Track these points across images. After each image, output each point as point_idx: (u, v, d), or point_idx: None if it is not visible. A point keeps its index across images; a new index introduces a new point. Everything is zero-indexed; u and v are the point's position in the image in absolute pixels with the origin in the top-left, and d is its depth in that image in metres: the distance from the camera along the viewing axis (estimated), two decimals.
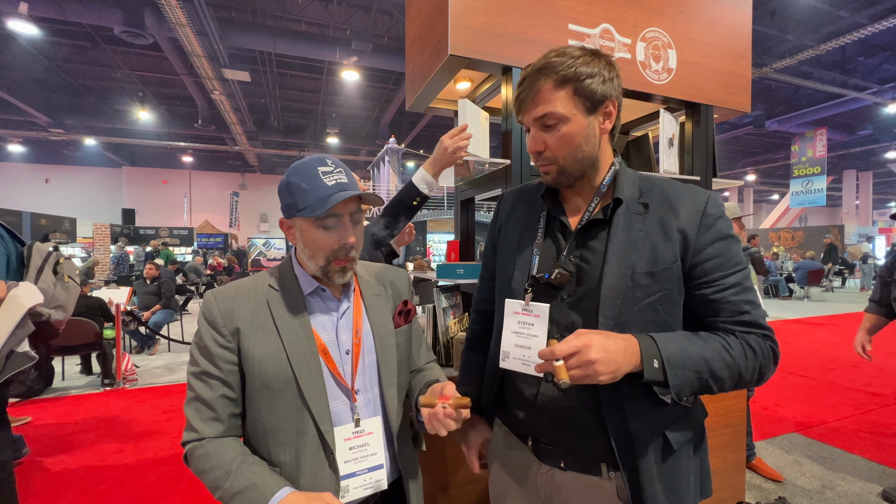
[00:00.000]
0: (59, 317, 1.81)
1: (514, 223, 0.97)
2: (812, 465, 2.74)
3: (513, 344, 0.86)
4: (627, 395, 0.78)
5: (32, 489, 2.46)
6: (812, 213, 25.09)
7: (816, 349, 5.82)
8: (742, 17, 2.04)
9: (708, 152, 2.02)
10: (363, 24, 9.49)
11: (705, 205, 0.81)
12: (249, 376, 0.82)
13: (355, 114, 14.93)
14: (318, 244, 0.84)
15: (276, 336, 0.83)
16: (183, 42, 8.29)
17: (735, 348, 0.76)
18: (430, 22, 1.71)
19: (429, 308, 1.72)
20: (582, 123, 0.81)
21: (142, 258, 12.48)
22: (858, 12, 8.57)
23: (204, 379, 0.81)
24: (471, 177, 1.98)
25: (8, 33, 8.71)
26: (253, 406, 0.82)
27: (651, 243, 0.79)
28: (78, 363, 4.90)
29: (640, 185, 0.86)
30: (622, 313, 0.78)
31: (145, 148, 16.62)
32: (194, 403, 0.80)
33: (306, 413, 0.81)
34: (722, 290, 0.78)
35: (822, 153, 13.87)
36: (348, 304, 0.92)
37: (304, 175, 0.82)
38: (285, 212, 0.86)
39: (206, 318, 0.83)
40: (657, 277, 0.78)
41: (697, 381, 0.73)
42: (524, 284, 0.87)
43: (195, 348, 0.83)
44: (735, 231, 0.85)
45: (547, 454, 0.88)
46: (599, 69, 0.80)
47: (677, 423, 0.82)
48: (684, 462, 0.83)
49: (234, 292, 0.86)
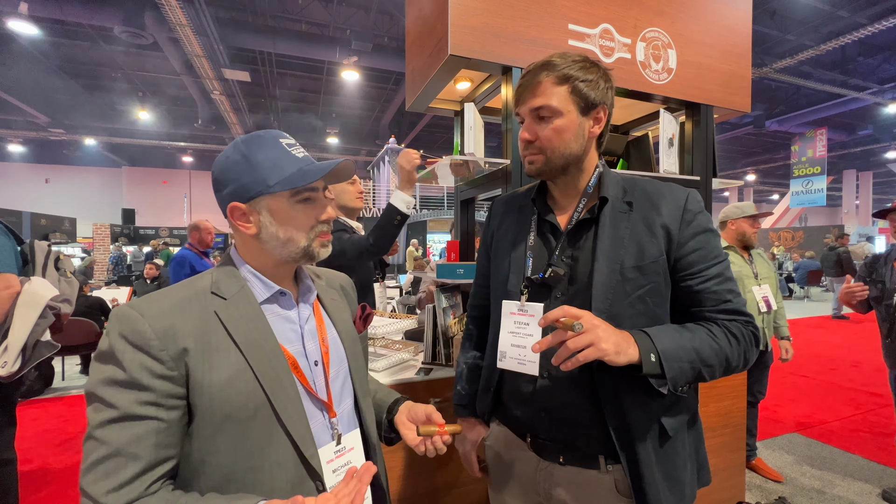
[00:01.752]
0: (68, 310, 1.87)
1: (506, 229, 1.01)
2: (812, 465, 2.74)
3: (509, 344, 0.89)
4: (624, 387, 0.81)
5: (33, 489, 2.46)
6: (812, 213, 25.07)
7: (816, 349, 5.82)
8: (742, 17, 2.04)
9: (708, 152, 2.02)
10: (363, 24, 9.48)
11: (685, 201, 0.86)
12: (204, 410, 0.64)
13: (355, 114, 14.93)
14: (298, 222, 0.73)
15: (236, 354, 0.67)
16: (183, 42, 8.28)
17: (720, 336, 0.81)
18: (430, 22, 1.71)
19: (429, 308, 1.72)
20: (574, 121, 0.86)
21: (140, 258, 12.48)
22: (858, 12, 8.56)
23: (126, 424, 0.59)
24: (471, 177, 1.98)
25: (8, 33, 8.71)
26: (204, 448, 0.64)
27: (637, 239, 0.84)
28: (78, 363, 4.91)
29: (624, 185, 0.91)
30: (613, 306, 0.82)
31: (145, 148, 16.61)
32: (107, 464, 0.57)
33: (284, 440, 0.68)
34: (705, 280, 0.83)
35: (822, 153, 13.86)
36: (309, 310, 0.80)
37: (268, 148, 0.71)
38: (239, 193, 0.70)
39: (132, 341, 0.61)
40: (644, 271, 0.83)
41: (691, 371, 0.77)
42: (519, 286, 0.91)
43: (104, 388, 0.60)
44: (748, 230, 0.88)
45: (546, 450, 0.90)
46: (596, 77, 0.86)
47: (671, 410, 0.85)
48: (680, 448, 0.86)
49: (168, 304, 0.66)
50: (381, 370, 1.65)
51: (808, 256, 12.78)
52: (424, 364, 1.73)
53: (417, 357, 1.83)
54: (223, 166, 0.72)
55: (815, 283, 11.62)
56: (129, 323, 0.62)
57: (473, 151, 1.74)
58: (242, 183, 0.70)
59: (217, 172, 0.72)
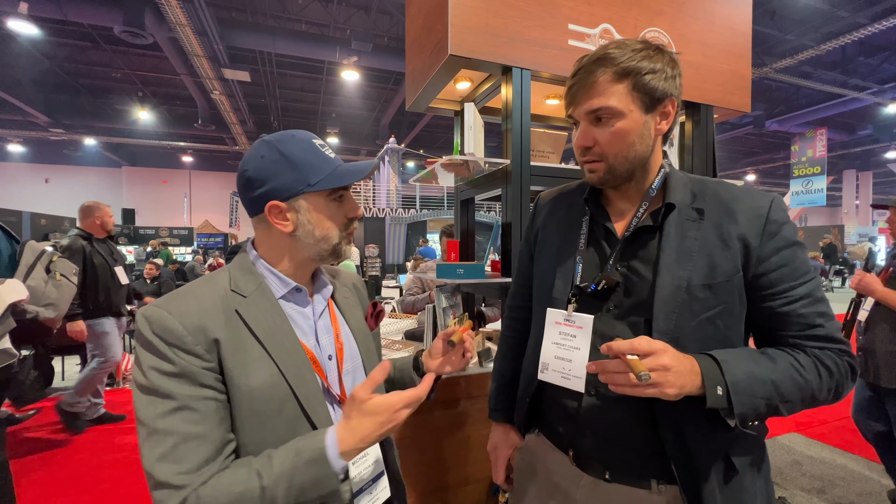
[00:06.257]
0: (50, 315, 1.80)
1: (553, 228, 0.93)
2: (812, 465, 2.73)
3: (553, 356, 0.82)
4: (686, 415, 0.72)
5: (32, 489, 2.46)
6: (812, 213, 25.07)
7: None
8: (742, 17, 2.04)
9: (708, 152, 2.02)
10: (363, 24, 9.48)
11: (769, 209, 0.75)
12: (234, 402, 0.66)
13: (355, 114, 14.92)
14: (333, 219, 0.75)
15: (259, 350, 0.69)
16: (183, 42, 8.28)
17: (807, 367, 0.70)
18: (430, 22, 1.71)
19: (429, 308, 1.72)
20: (638, 121, 0.75)
21: (143, 258, 12.47)
22: (858, 12, 8.57)
23: (186, 411, 0.61)
24: (470, 177, 1.98)
25: (8, 33, 8.71)
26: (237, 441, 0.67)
27: (708, 252, 0.74)
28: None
29: (693, 188, 0.80)
30: (678, 328, 0.72)
31: (145, 148, 16.63)
32: (179, 450, 0.60)
33: (309, 431, 0.70)
34: (791, 302, 0.72)
35: (822, 153, 13.86)
36: (323, 305, 0.82)
37: (305, 147, 0.73)
38: (279, 192, 0.71)
39: (167, 340, 0.63)
40: (716, 290, 0.73)
41: (766, 408, 0.68)
42: (567, 294, 0.82)
43: (157, 380, 0.62)
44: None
45: (590, 465, 0.82)
46: (663, 65, 0.75)
47: (740, 443, 0.75)
48: (748, 483, 0.76)
49: (194, 304, 0.67)
50: None
51: (811, 257, 12.79)
52: None
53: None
54: (258, 165, 0.71)
55: None
56: (161, 323, 0.64)
57: (473, 151, 1.74)
58: (283, 181, 0.71)
59: (252, 171, 0.72)
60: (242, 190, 0.74)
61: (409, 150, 14.93)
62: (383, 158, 13.30)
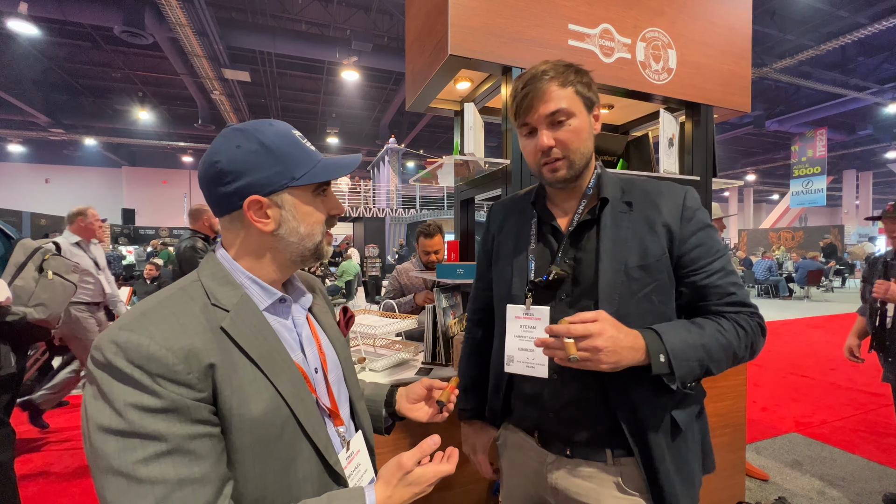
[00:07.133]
0: (41, 315, 1.73)
1: (507, 233, 1.02)
2: (812, 465, 2.73)
3: (516, 348, 0.89)
4: (633, 384, 0.82)
5: (34, 489, 2.46)
6: (812, 213, 25.08)
7: (816, 349, 5.81)
8: (742, 17, 2.04)
9: (708, 152, 2.02)
10: (363, 24, 9.49)
11: (684, 198, 0.88)
12: (233, 433, 0.58)
13: (355, 114, 14.93)
14: (316, 216, 0.69)
15: (255, 372, 0.61)
16: (183, 42, 8.29)
17: (728, 329, 0.82)
18: (430, 22, 1.71)
19: (429, 308, 1.72)
20: (586, 120, 0.87)
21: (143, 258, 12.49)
22: (858, 12, 8.57)
23: (179, 453, 0.52)
24: (471, 177, 1.98)
25: (8, 33, 8.71)
26: (233, 476, 0.59)
27: (639, 238, 0.85)
28: None
29: (622, 185, 0.92)
30: (621, 306, 0.83)
31: (145, 148, 16.65)
32: (174, 499, 0.50)
33: (310, 452, 0.65)
34: (709, 275, 0.85)
35: (822, 153, 13.87)
36: (303, 316, 0.76)
37: (286, 139, 0.66)
38: (260, 185, 0.63)
39: (149, 370, 0.52)
40: (649, 270, 0.84)
41: (699, 368, 0.79)
42: (524, 289, 0.91)
43: (138, 419, 0.50)
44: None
45: (552, 444, 0.92)
46: (587, 79, 0.88)
47: (682, 404, 0.87)
48: (690, 440, 0.88)
49: (177, 323, 0.57)
50: (381, 370, 1.65)
51: (811, 257, 12.79)
52: (424, 364, 1.73)
53: (417, 357, 1.83)
54: (234, 156, 0.62)
55: (815, 283, 11.62)
56: (139, 349, 0.52)
57: (473, 151, 1.74)
58: (265, 174, 0.63)
59: (226, 163, 0.62)
60: (211, 184, 0.64)
61: (409, 150, 14.94)
62: (383, 158, 13.31)
